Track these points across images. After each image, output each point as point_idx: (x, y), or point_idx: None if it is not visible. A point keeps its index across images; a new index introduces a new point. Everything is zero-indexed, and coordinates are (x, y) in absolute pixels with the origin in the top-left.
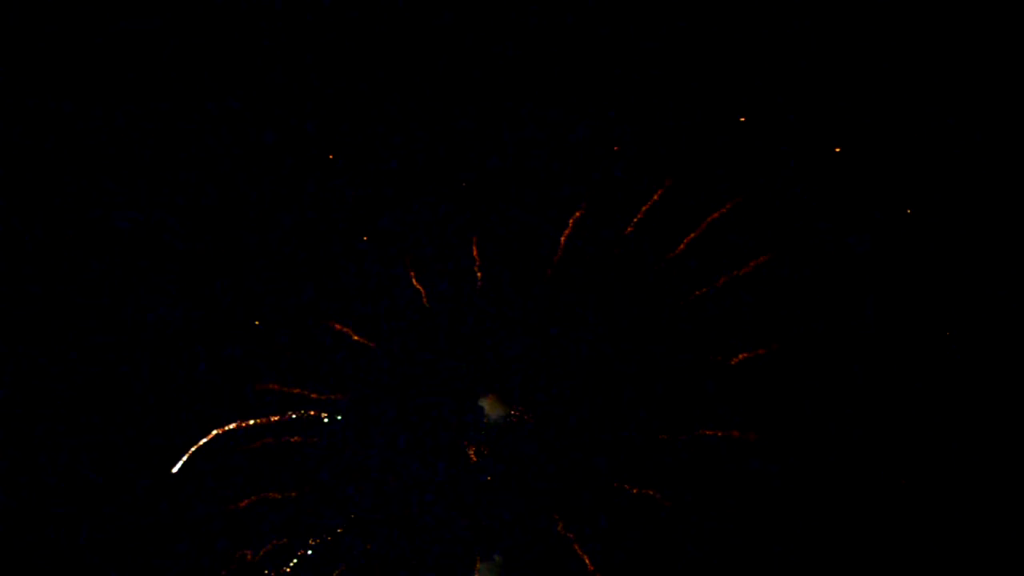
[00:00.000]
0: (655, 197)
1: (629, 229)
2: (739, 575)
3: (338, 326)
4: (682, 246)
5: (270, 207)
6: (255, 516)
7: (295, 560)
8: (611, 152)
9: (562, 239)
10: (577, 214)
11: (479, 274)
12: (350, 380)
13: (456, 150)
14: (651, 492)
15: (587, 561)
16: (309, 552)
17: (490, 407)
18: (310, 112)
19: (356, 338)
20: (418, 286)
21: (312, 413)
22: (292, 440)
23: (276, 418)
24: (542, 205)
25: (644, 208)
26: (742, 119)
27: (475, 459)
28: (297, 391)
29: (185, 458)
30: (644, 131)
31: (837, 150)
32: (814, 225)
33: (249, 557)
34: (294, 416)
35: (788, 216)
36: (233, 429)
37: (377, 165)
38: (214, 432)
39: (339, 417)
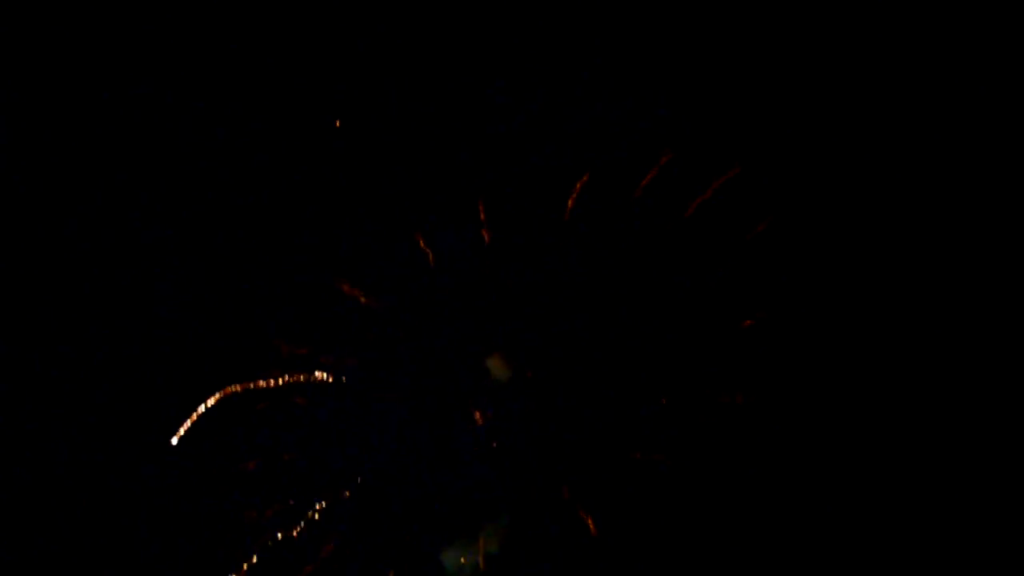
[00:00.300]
0: (662, 161)
1: (637, 193)
2: (743, 542)
3: (347, 287)
4: (690, 210)
5: (278, 169)
6: (261, 478)
7: (302, 522)
8: (617, 117)
9: (569, 202)
10: (584, 177)
11: (486, 236)
12: (357, 341)
13: (462, 114)
14: (657, 457)
15: (590, 524)
16: (316, 515)
17: (496, 368)
18: (315, 72)
19: (363, 300)
20: (425, 248)
21: (319, 375)
22: (298, 401)
23: (284, 380)
24: (549, 167)
25: (651, 173)
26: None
27: (481, 422)
28: (304, 351)
29: (189, 423)
30: (650, 97)
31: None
32: (816, 192)
33: (254, 516)
34: (301, 378)
35: (790, 184)
36: (239, 390)
37: (384, 127)
38: (219, 393)
39: (344, 379)
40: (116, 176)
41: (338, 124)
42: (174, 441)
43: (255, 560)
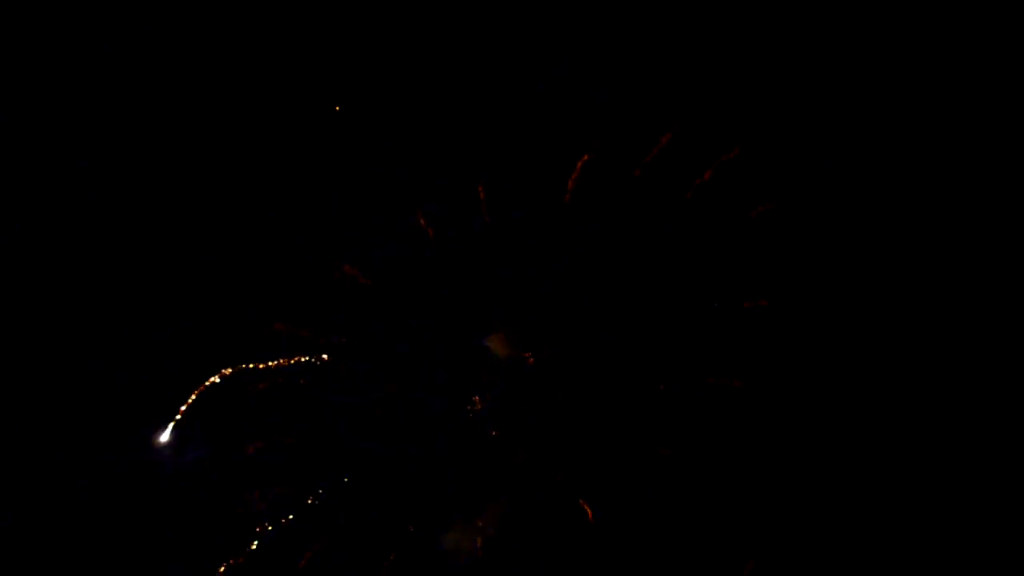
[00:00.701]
0: (663, 141)
1: (637, 172)
2: (740, 533)
3: (346, 267)
4: (689, 194)
5: (277, 150)
6: (260, 461)
7: (301, 506)
8: (618, 98)
9: (570, 183)
10: (585, 157)
11: (486, 217)
12: (356, 322)
13: (462, 95)
14: (659, 446)
15: (587, 511)
16: (315, 500)
17: (496, 348)
18: (312, 52)
19: (363, 280)
20: (425, 227)
21: (324, 357)
22: (300, 382)
23: (283, 362)
24: (550, 148)
25: (654, 151)
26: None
27: (480, 406)
28: (305, 333)
29: (185, 406)
30: (651, 78)
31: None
32: (817, 174)
33: (254, 499)
34: (302, 360)
35: (791, 166)
36: (236, 371)
37: (383, 107)
38: (215, 376)
39: (341, 360)
40: (112, 159)
41: (338, 109)
42: (164, 438)
43: (255, 544)
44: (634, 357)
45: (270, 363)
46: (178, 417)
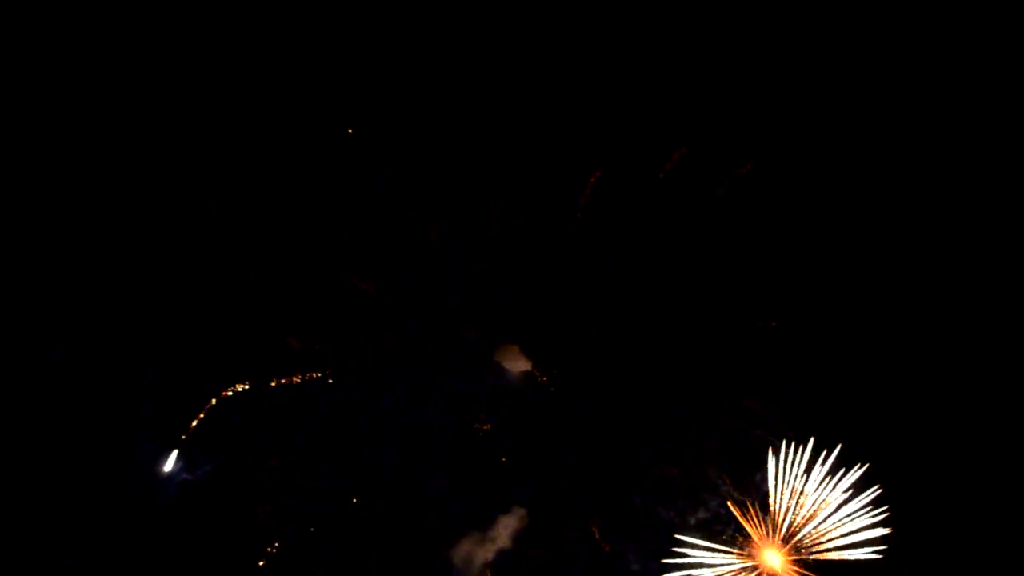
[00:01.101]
0: (676, 157)
1: (650, 190)
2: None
3: (362, 284)
4: (702, 208)
5: (291, 169)
6: (270, 478)
7: (311, 524)
8: (630, 115)
9: (581, 200)
10: (597, 173)
11: (499, 234)
12: (369, 337)
13: (474, 113)
14: (671, 470)
15: (596, 532)
16: (324, 516)
17: (508, 361)
18: (325, 67)
19: (376, 296)
20: (437, 243)
21: (328, 372)
22: (314, 398)
23: (297, 380)
24: (561, 167)
25: (665, 168)
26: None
27: (488, 427)
28: (318, 347)
29: (196, 422)
30: (663, 95)
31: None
32: (829, 188)
33: (261, 517)
34: (314, 376)
35: (804, 179)
36: (249, 388)
37: (396, 125)
38: (228, 391)
39: (355, 376)
40: (129, 174)
41: (351, 132)
42: (171, 463)
43: (268, 559)
44: (647, 374)
45: (283, 380)
46: (190, 431)
